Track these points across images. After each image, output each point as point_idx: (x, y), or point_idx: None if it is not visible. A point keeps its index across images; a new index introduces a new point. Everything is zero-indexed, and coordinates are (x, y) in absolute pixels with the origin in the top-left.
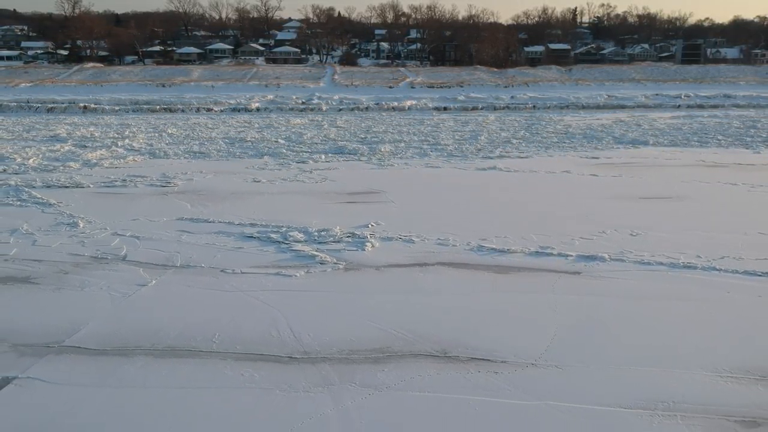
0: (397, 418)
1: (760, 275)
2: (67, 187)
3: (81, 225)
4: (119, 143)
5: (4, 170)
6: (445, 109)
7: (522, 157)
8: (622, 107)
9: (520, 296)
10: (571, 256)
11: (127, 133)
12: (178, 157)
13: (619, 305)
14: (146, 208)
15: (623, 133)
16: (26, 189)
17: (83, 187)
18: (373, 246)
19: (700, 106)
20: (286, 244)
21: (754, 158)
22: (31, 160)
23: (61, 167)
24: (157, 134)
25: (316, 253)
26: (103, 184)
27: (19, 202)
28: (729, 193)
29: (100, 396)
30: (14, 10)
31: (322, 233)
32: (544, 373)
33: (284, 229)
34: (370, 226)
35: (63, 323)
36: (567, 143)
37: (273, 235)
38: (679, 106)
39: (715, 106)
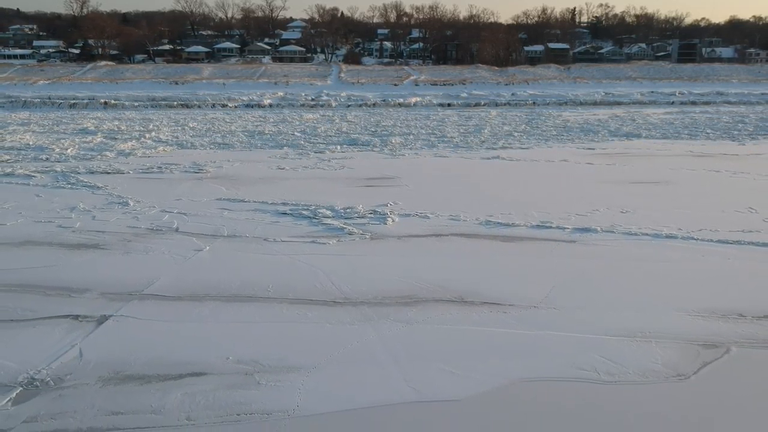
0: (425, 342)
1: (731, 243)
2: (108, 173)
3: (131, 204)
4: (146, 135)
5: (47, 158)
6: (449, 105)
7: (523, 148)
8: (619, 104)
9: (524, 258)
10: (568, 228)
11: (151, 126)
12: (204, 148)
13: (608, 265)
14: (186, 190)
15: (618, 127)
16: (72, 174)
17: (124, 173)
18: (393, 221)
19: (693, 103)
20: (317, 219)
21: (738, 149)
22: (69, 150)
23: (99, 156)
24: (179, 128)
25: (344, 226)
26: (141, 171)
27: (69, 186)
28: (712, 179)
29: (182, 329)
30: (18, 9)
31: (347, 210)
32: (545, 312)
33: (313, 207)
34: (389, 205)
35: (138, 278)
36: (565, 136)
37: (304, 212)
38: (672, 102)
39: (707, 103)
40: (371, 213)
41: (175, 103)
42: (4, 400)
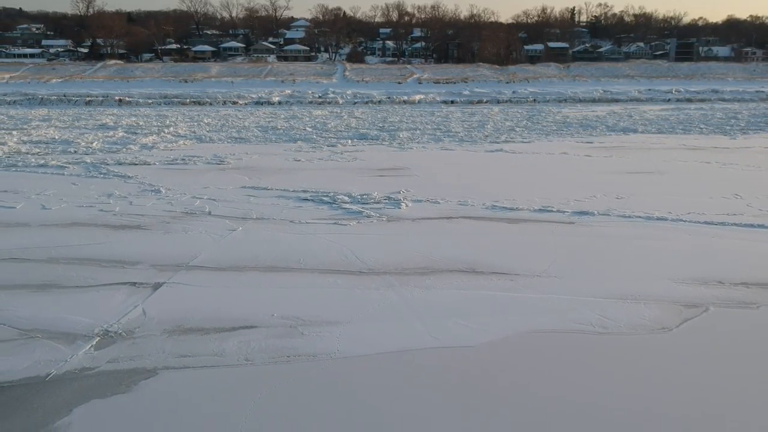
0: (443, 303)
1: (716, 224)
2: (136, 164)
3: (163, 191)
4: (165, 131)
5: (75, 151)
6: (452, 102)
7: (525, 142)
8: (616, 101)
9: (527, 237)
10: (567, 212)
11: (167, 122)
12: (222, 142)
13: (604, 242)
14: (211, 179)
15: (615, 122)
16: (102, 165)
17: (150, 165)
18: (407, 206)
19: (689, 100)
20: (336, 204)
21: (729, 143)
22: (94, 144)
23: (123, 149)
24: (195, 123)
25: (362, 209)
26: (166, 162)
27: (101, 175)
28: (702, 169)
29: (228, 293)
30: (20, 9)
31: (364, 197)
32: (547, 280)
33: (332, 194)
34: (401, 192)
35: (182, 253)
36: (565, 131)
37: (324, 198)
38: (669, 100)
39: (702, 100)
40: (386, 199)
41: (188, 100)
42: (87, 347)
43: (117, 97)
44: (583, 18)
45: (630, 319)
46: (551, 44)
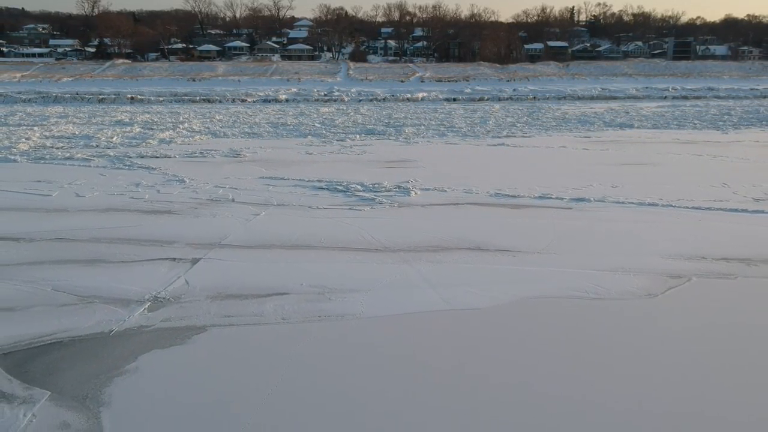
0: (453, 274)
1: (703, 209)
2: (157, 157)
3: (187, 181)
4: (180, 126)
5: (97, 145)
6: (454, 100)
7: (526, 137)
8: (614, 98)
9: (529, 220)
10: (565, 199)
11: (181, 119)
12: (236, 137)
13: (598, 224)
14: (230, 170)
15: (613, 118)
16: (126, 158)
17: (171, 157)
18: (416, 193)
19: (685, 98)
20: (350, 192)
21: (721, 137)
22: (114, 139)
23: (143, 144)
24: (208, 120)
25: (374, 197)
26: (186, 155)
27: (126, 167)
28: (694, 161)
29: (260, 267)
30: (23, 9)
31: (375, 185)
32: (547, 256)
33: (345, 183)
34: (410, 181)
35: (213, 234)
36: (564, 126)
37: (338, 187)
38: (665, 97)
39: (698, 98)
40: (396, 188)
41: (197, 98)
42: (141, 309)
43: (129, 95)
44: (583, 17)
45: (620, 287)
46: (551, 43)
